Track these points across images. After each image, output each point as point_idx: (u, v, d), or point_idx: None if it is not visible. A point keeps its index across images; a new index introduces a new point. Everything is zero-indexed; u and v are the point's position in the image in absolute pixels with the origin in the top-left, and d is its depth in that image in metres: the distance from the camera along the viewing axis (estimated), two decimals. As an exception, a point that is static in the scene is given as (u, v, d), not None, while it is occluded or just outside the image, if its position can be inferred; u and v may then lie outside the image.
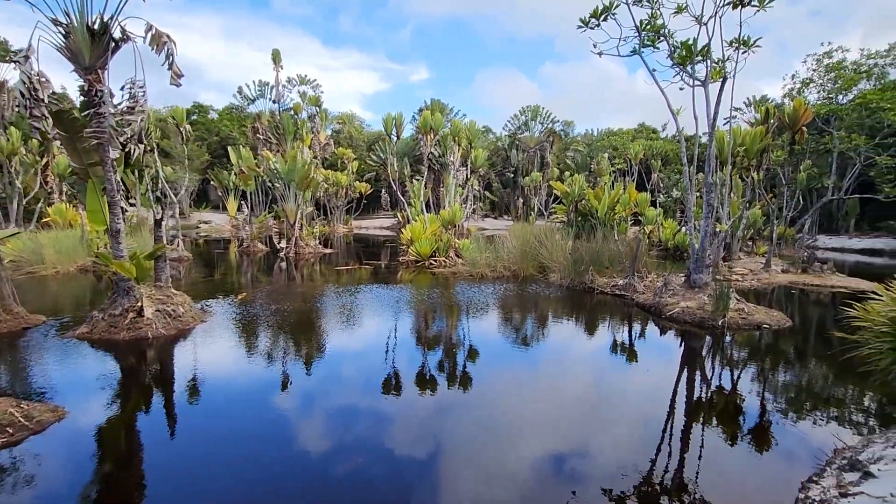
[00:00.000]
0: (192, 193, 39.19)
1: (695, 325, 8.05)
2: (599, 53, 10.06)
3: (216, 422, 4.44)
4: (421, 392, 5.28)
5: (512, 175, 43.24)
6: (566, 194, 16.47)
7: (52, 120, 6.63)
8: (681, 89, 9.95)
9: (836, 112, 20.23)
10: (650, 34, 9.56)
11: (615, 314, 9.36)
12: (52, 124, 6.72)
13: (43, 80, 6.41)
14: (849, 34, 70.06)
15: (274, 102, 31.48)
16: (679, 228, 18.92)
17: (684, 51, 9.43)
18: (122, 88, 6.65)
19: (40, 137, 6.46)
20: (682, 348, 7.32)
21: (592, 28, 9.74)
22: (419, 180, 22.68)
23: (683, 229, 18.19)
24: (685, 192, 11.26)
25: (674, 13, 9.31)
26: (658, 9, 9.32)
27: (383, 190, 38.48)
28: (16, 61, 6.21)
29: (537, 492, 3.43)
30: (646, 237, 16.83)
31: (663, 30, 9.46)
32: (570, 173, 32.40)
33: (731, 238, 16.25)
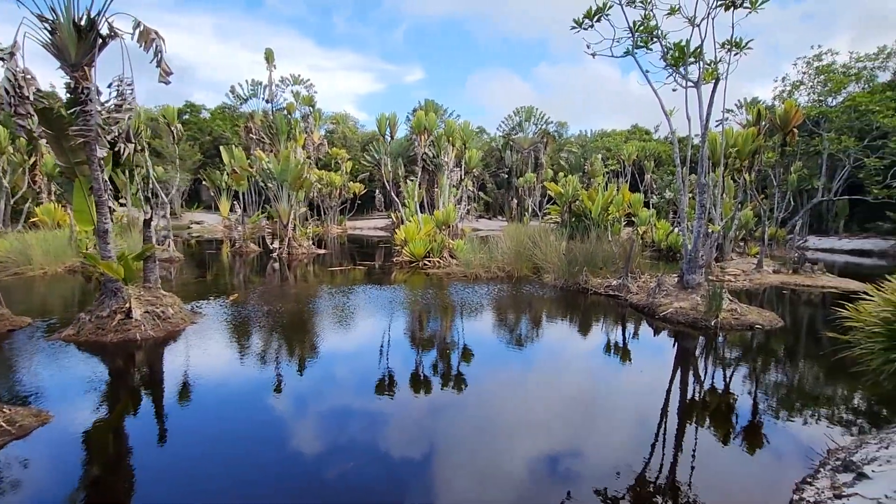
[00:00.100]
0: (184, 193, 38.80)
1: (688, 326, 8.07)
2: (593, 54, 10.07)
3: (206, 424, 4.36)
4: (415, 393, 5.23)
5: (506, 176, 43.29)
6: (560, 195, 16.50)
7: (38, 118, 6.51)
8: (674, 90, 9.99)
9: (826, 114, 20.43)
10: (643, 35, 9.58)
11: (609, 315, 9.37)
12: (38, 122, 6.60)
13: (28, 78, 6.28)
14: (838, 37, 71.10)
15: (267, 102, 31.31)
16: (672, 229, 19.02)
17: (677, 52, 9.47)
18: (110, 86, 6.54)
19: (25, 136, 6.33)
20: (676, 349, 7.34)
21: (586, 29, 9.75)
22: (413, 181, 22.61)
23: (676, 230, 18.29)
24: (678, 193, 11.31)
25: (667, 14, 9.34)
26: (651, 10, 9.35)
27: (377, 190, 38.32)
28: (0, 58, 6.08)
29: (532, 492, 3.40)
30: (639, 238, 16.89)
31: (656, 31, 9.49)
32: (564, 174, 32.45)
33: (724, 239, 16.36)
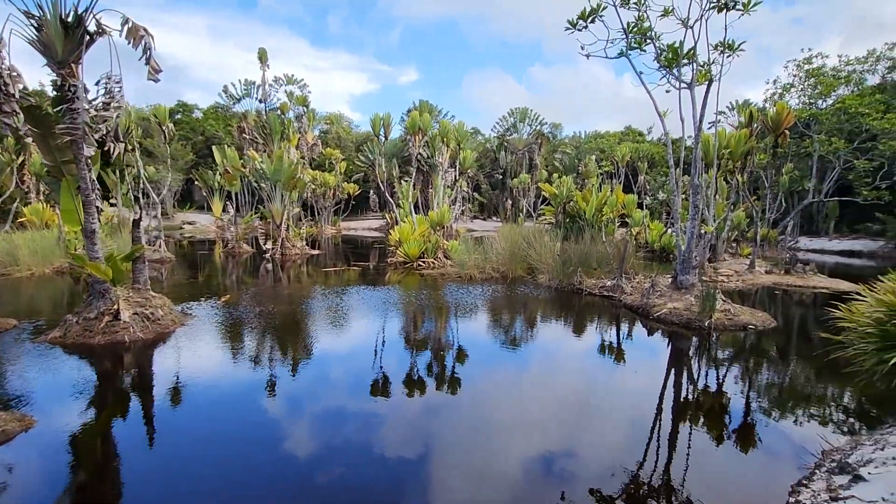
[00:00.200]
0: (177, 194, 38.42)
1: (682, 326, 8.08)
2: (587, 55, 10.07)
3: (196, 426, 4.28)
4: (409, 394, 5.18)
5: (500, 176, 43.33)
6: (554, 196, 16.52)
7: (24, 116, 6.38)
8: (667, 92, 10.01)
9: (817, 116, 20.64)
10: (637, 37, 9.60)
11: (603, 315, 9.36)
12: (24, 120, 6.47)
13: (14, 75, 6.15)
14: (828, 41, 72.06)
15: (260, 102, 30.99)
16: (665, 230, 19.11)
17: (670, 53, 9.50)
18: (98, 83, 6.42)
19: (11, 134, 6.20)
20: (670, 349, 7.34)
21: (580, 30, 9.75)
22: (408, 181, 22.54)
23: (670, 231, 18.37)
24: (671, 194, 11.37)
25: (660, 16, 9.37)
26: (645, 11, 9.38)
27: (372, 191, 38.18)
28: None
29: (527, 492, 3.38)
30: (633, 239, 16.95)
31: (650, 32, 9.51)
32: (559, 175, 32.56)
33: (716, 240, 16.45)
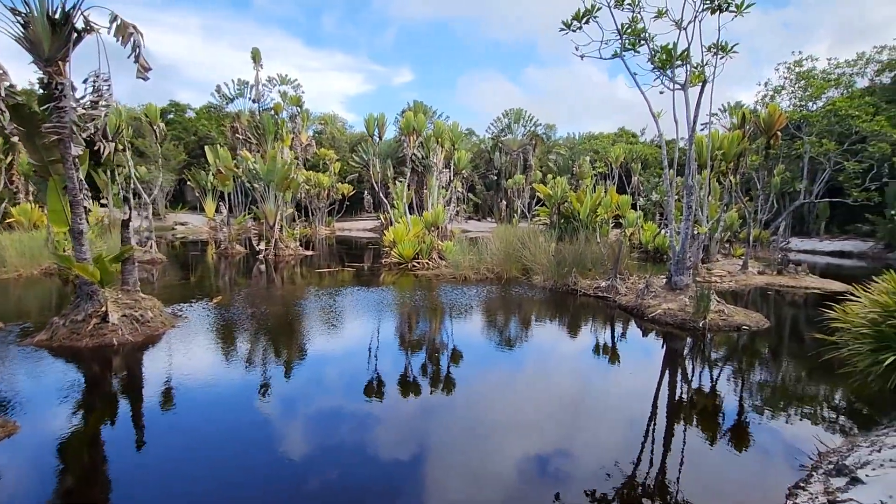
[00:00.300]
0: (169, 194, 38.03)
1: (676, 327, 8.08)
2: (581, 56, 10.07)
3: (185, 431, 4.18)
4: (404, 395, 5.12)
5: (495, 177, 43.36)
6: (549, 197, 16.51)
7: (10, 114, 6.25)
8: (661, 93, 10.04)
9: (807, 118, 20.85)
10: (631, 38, 9.62)
11: (598, 316, 9.35)
12: (10, 119, 6.34)
13: (0, 73, 6.03)
14: (818, 44, 72.91)
15: (254, 102, 30.83)
16: (659, 231, 19.18)
17: (664, 55, 9.52)
18: (85, 81, 6.31)
19: (-4, 132, 6.07)
20: (665, 350, 7.33)
21: (574, 31, 9.75)
22: (402, 182, 22.45)
23: (664, 232, 18.45)
24: (664, 195, 11.40)
25: (654, 17, 9.39)
26: (639, 13, 9.40)
27: (366, 191, 38.05)
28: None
29: (522, 493, 3.36)
30: (627, 239, 16.99)
31: (644, 34, 9.53)
32: (553, 176, 32.61)
33: (710, 240, 16.54)
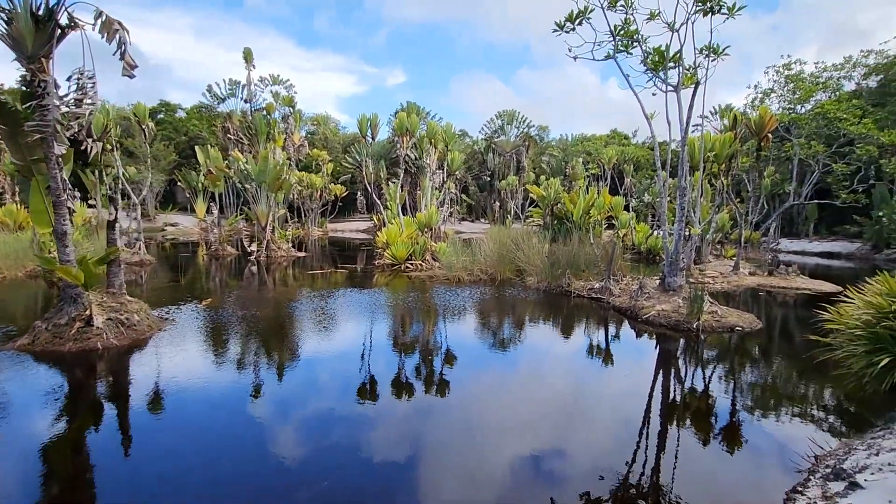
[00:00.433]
0: (159, 195, 37.54)
1: (670, 328, 8.08)
2: (575, 57, 10.07)
3: (173, 437, 4.06)
4: (397, 398, 5.05)
5: (488, 178, 43.39)
6: (542, 198, 16.51)
7: (-9, 112, 6.08)
8: (654, 94, 10.06)
9: (796, 121, 21.12)
10: (624, 39, 9.63)
11: (592, 317, 9.33)
12: (-9, 117, 6.16)
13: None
14: (806, 48, 74.09)
15: (245, 102, 30.60)
16: (651, 232, 19.27)
17: (657, 56, 9.55)
18: (69, 79, 6.15)
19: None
20: (659, 351, 7.32)
21: (567, 32, 9.74)
22: (395, 183, 22.37)
23: (656, 233, 18.53)
24: (657, 197, 11.45)
25: (647, 19, 9.41)
26: (632, 14, 9.41)
27: (359, 192, 37.89)
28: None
29: (515, 496, 3.32)
30: (620, 241, 17.04)
31: (637, 35, 9.55)
32: (546, 177, 32.70)
33: (701, 242, 16.63)
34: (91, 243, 13.51)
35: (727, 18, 8.97)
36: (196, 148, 24.63)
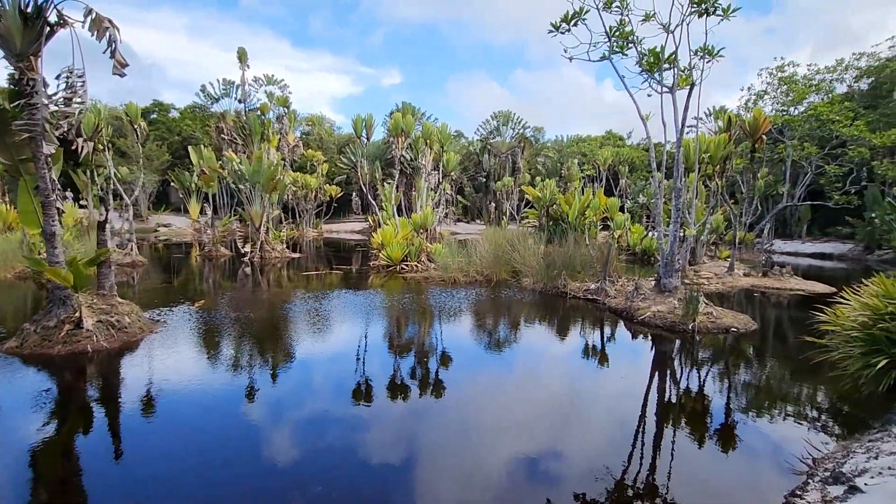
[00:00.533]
0: (152, 195, 37.21)
1: (666, 329, 8.08)
2: (570, 58, 10.07)
3: (165, 440, 3.98)
4: (392, 399, 4.99)
5: (484, 179, 43.40)
6: (538, 199, 16.51)
7: (-22, 111, 5.97)
8: (649, 96, 10.09)
9: (790, 123, 21.27)
10: (619, 41, 9.65)
11: (588, 319, 9.32)
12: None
13: (-34, 67, 5.75)
14: (799, 51, 74.89)
15: (240, 102, 30.39)
16: (646, 233, 19.33)
17: (652, 57, 9.57)
18: (58, 77, 6.05)
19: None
20: (655, 352, 7.31)
21: (563, 33, 9.74)
22: (391, 184, 22.29)
23: (651, 234, 18.58)
24: (652, 198, 11.47)
25: (642, 21, 9.43)
26: (627, 15, 9.42)
27: (354, 193, 37.77)
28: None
29: (511, 496, 3.29)
30: (615, 242, 17.07)
31: (632, 36, 9.56)
32: (542, 178, 32.73)
33: (696, 243, 16.70)
34: (82, 244, 13.33)
35: (722, 20, 9.01)
36: (189, 148, 24.43)
